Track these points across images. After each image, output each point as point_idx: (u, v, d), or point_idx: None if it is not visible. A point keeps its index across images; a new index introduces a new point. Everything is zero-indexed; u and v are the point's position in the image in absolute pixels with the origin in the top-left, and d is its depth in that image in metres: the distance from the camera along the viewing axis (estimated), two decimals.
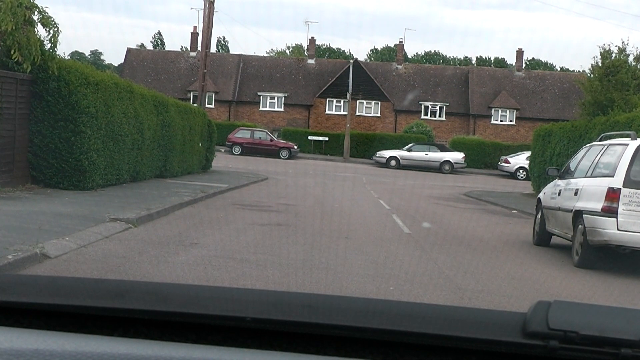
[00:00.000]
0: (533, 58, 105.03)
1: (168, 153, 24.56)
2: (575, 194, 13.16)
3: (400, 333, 1.79)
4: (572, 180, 13.83)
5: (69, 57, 36.12)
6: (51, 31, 16.11)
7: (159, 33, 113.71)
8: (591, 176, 13.09)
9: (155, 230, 12.50)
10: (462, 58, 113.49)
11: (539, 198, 16.07)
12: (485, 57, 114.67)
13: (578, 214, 12.62)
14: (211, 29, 34.17)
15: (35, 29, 15.64)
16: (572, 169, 14.50)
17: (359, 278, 9.54)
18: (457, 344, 1.79)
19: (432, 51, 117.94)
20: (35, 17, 15.94)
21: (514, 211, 24.75)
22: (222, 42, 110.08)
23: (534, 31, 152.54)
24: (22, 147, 16.10)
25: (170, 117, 24.63)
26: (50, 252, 9.18)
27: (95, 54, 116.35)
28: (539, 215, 15.44)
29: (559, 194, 14.20)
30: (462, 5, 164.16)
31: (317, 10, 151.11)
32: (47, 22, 15.88)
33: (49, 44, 15.89)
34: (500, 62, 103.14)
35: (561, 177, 14.76)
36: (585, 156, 14.30)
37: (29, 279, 2.70)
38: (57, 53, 16.44)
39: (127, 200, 15.70)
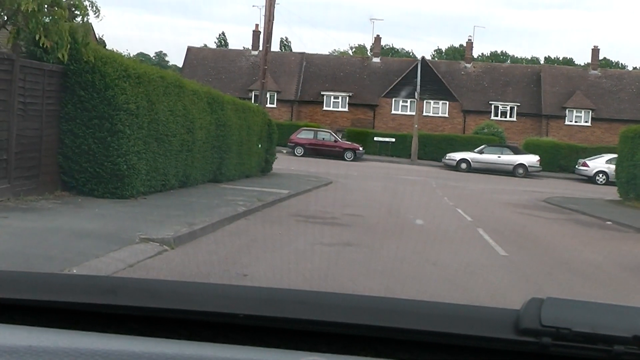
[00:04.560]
0: (605, 57, 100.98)
1: (223, 155, 22.31)
2: None
3: (392, 330, 1.79)
4: None
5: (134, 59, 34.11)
6: (85, 16, 13.83)
7: (223, 34, 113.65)
8: None
9: (195, 253, 10.02)
10: (530, 58, 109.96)
11: None
12: (554, 57, 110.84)
13: None
14: (272, 23, 31.84)
15: (65, 12, 13.28)
16: None
17: None
18: (450, 340, 1.78)
19: (499, 51, 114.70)
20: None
21: (608, 222, 22.13)
22: (284, 42, 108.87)
23: (604, 31, 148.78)
24: (50, 148, 13.90)
25: (225, 115, 22.38)
26: None
27: (160, 55, 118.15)
28: None
29: None
30: (526, 6, 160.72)
31: (379, 11, 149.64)
32: (78, 4, 13.58)
33: (82, 31, 13.55)
34: (568, 63, 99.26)
35: None
36: None
37: (21, 276, 2.21)
38: (92, 40, 14.13)
39: (170, 212, 13.33)
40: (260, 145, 28.52)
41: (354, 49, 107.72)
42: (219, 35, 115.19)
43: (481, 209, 23.56)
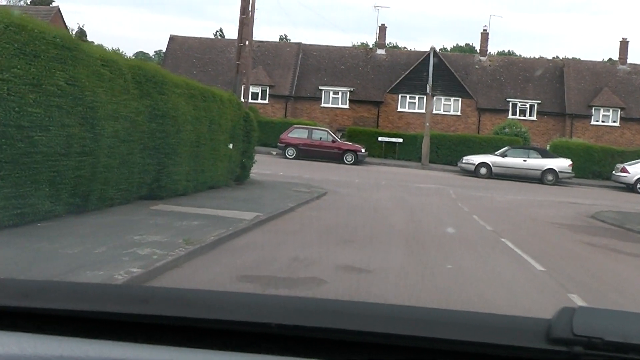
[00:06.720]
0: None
1: (163, 160, 15.21)
2: None
3: (424, 339, 1.76)
4: None
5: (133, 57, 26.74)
6: None
7: (221, 30, 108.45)
8: None
9: None
10: (537, 58, 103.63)
11: None
12: (562, 58, 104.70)
13: None
14: None
15: None
16: None
17: None
18: (481, 349, 1.73)
19: (507, 51, 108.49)
20: None
21: None
22: (284, 39, 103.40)
23: (612, 33, 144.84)
24: None
25: (168, 102, 15.30)
26: None
27: (160, 54, 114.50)
28: None
29: None
30: (531, 10, 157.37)
31: (383, 12, 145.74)
32: None
33: None
34: None
35: None
36: None
37: (51, 285, 2.19)
38: None
39: None
40: (232, 146, 21.42)
41: (357, 46, 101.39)
42: (216, 32, 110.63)
43: (531, 237, 16.86)
